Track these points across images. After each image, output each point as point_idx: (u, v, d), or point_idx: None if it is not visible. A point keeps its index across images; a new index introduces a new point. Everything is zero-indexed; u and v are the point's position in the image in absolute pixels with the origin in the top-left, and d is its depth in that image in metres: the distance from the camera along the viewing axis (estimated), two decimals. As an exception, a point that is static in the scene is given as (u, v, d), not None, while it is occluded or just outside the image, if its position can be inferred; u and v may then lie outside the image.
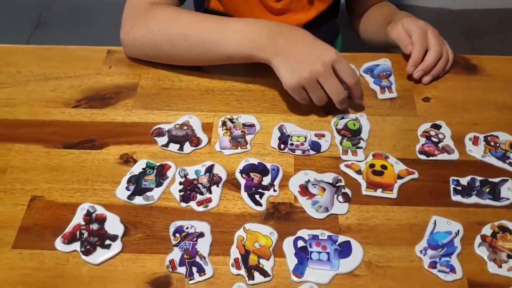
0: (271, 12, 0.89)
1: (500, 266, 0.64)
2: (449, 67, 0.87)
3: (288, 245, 0.66)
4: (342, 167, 0.74)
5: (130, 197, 0.70)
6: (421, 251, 0.65)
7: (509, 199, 0.70)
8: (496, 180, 0.72)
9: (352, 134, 0.78)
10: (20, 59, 0.89)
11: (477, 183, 0.72)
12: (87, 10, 0.89)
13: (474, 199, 0.70)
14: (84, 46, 0.90)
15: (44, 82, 0.85)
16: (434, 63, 0.84)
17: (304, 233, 0.67)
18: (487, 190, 0.71)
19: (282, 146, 0.76)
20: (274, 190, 0.71)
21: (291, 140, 0.77)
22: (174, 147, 0.76)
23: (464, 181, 0.72)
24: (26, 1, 1.59)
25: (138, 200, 0.70)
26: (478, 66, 0.88)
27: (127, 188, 0.71)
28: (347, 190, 0.71)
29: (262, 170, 0.73)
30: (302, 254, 0.65)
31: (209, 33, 0.79)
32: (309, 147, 0.76)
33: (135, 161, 0.74)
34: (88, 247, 0.65)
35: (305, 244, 0.65)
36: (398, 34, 0.86)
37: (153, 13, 0.83)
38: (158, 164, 0.74)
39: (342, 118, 0.80)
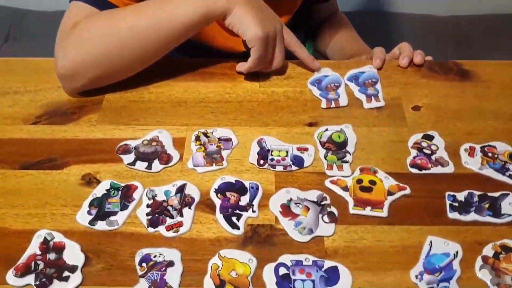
0: (231, 33, 0.84)
1: (504, 291, 0.57)
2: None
3: (268, 273, 0.59)
4: (327, 183, 0.67)
5: (92, 222, 0.63)
6: (416, 276, 0.58)
7: (511, 215, 0.64)
8: (496, 194, 0.66)
9: (337, 147, 0.71)
10: (-23, 73, 0.82)
11: (475, 198, 0.66)
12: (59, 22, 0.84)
13: (472, 216, 0.64)
14: (46, 58, 0.83)
15: (1, 97, 0.78)
16: (409, 49, 0.86)
17: (286, 258, 0.60)
18: (487, 205, 0.65)
19: (261, 161, 0.70)
20: (253, 211, 0.64)
21: (271, 155, 0.70)
22: (141, 165, 0.69)
23: (461, 196, 0.66)
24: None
25: (101, 225, 0.63)
26: (472, 71, 0.83)
27: (89, 212, 0.64)
28: (333, 209, 0.64)
29: (239, 188, 0.66)
30: (285, 283, 0.58)
31: (155, 15, 0.74)
32: (291, 162, 0.69)
33: (98, 182, 0.67)
34: (44, 280, 0.58)
35: (287, 272, 0.59)
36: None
37: (84, 28, 0.75)
38: (123, 184, 0.67)
39: (326, 130, 0.74)
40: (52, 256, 0.60)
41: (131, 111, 0.76)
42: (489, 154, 0.70)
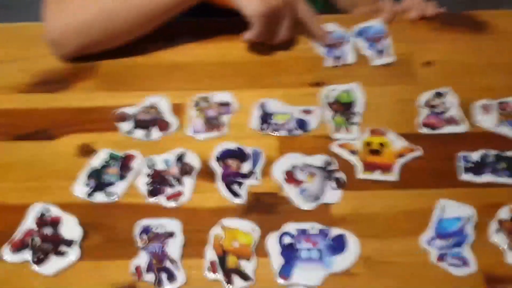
0: None
1: (521, 256, 0.54)
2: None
3: (272, 242, 0.56)
4: (334, 147, 0.64)
5: (90, 194, 0.61)
6: (427, 242, 0.56)
7: (528, 175, 0.61)
8: (513, 153, 0.63)
9: (344, 108, 0.68)
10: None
11: (491, 158, 0.62)
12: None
13: (487, 177, 0.61)
14: (37, 22, 0.79)
15: (-10, 66, 0.76)
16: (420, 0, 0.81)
17: (291, 227, 0.57)
18: (503, 166, 0.61)
19: (263, 126, 0.66)
20: (256, 179, 0.62)
21: (273, 118, 0.67)
22: (139, 133, 0.66)
23: (475, 156, 0.62)
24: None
25: (99, 197, 0.61)
26: (487, 23, 0.78)
27: (87, 184, 0.62)
28: (340, 174, 0.61)
29: (241, 155, 0.64)
30: (289, 253, 0.55)
31: None
32: (295, 126, 0.66)
33: (95, 152, 0.65)
34: (41, 255, 0.56)
35: (292, 241, 0.56)
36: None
37: None
38: (121, 154, 0.64)
39: (333, 90, 0.70)
40: (48, 230, 0.58)
41: (127, 77, 0.73)
42: (506, 111, 0.67)
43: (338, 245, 0.56)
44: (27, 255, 0.56)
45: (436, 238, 0.56)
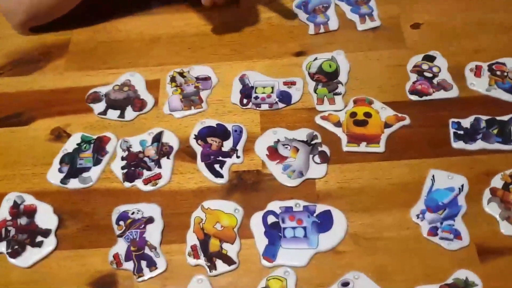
0: None
1: (515, 226, 0.52)
2: None
3: (256, 222, 0.54)
4: (317, 119, 0.61)
5: (63, 180, 0.58)
6: (418, 216, 0.53)
7: (522, 140, 0.58)
8: (506, 118, 0.60)
9: (328, 78, 0.65)
10: None
11: (483, 124, 0.59)
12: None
13: (479, 144, 0.58)
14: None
15: (-44, 49, 0.72)
16: None
17: (275, 205, 0.55)
18: (495, 131, 0.59)
19: (245, 101, 0.63)
20: (238, 157, 0.59)
21: (255, 92, 0.64)
22: (113, 114, 0.63)
23: (466, 122, 0.60)
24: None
25: (74, 183, 0.58)
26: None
27: (60, 170, 0.59)
28: (324, 148, 0.59)
29: (221, 133, 0.61)
30: (274, 232, 0.53)
31: None
32: (277, 99, 0.63)
33: (69, 136, 0.62)
34: (16, 247, 0.54)
35: (276, 220, 0.54)
36: None
37: None
38: (95, 137, 0.61)
39: (316, 59, 0.67)
40: (23, 220, 0.56)
41: (100, 54, 0.70)
42: (498, 73, 0.63)
43: (324, 222, 0.54)
44: (2, 247, 0.54)
45: (427, 211, 0.54)
